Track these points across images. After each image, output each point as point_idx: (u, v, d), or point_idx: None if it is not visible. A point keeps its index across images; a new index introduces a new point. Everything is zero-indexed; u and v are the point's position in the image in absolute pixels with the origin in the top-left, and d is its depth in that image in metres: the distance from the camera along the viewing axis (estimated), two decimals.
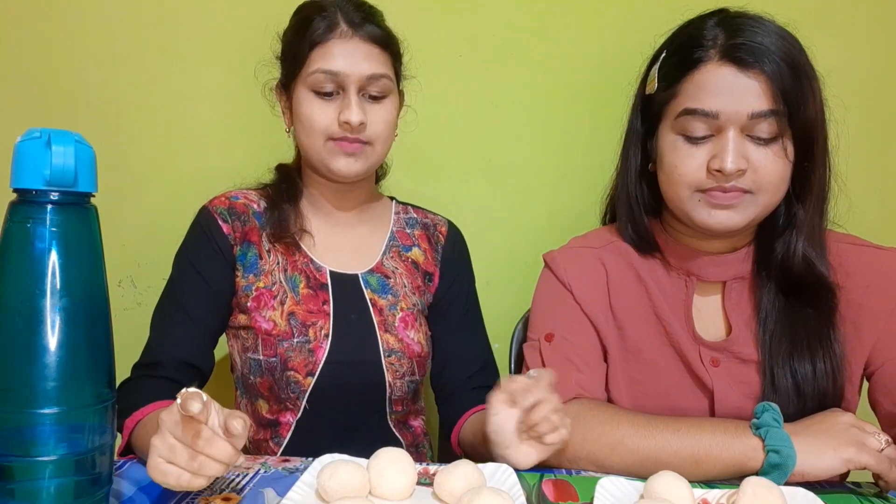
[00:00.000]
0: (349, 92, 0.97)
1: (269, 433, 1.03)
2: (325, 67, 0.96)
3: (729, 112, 0.84)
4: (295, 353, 0.99)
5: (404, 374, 1.04)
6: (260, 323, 1.00)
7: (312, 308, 1.02)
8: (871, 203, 1.39)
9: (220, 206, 1.04)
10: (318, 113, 0.98)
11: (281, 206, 1.05)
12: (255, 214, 1.06)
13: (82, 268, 0.59)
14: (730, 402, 0.92)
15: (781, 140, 0.86)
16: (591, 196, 1.12)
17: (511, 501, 0.64)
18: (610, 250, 1.01)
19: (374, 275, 1.08)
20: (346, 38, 0.97)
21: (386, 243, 1.11)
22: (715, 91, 0.85)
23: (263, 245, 1.04)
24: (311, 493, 0.71)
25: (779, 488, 0.70)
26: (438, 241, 1.15)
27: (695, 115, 0.86)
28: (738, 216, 0.87)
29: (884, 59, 1.40)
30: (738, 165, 0.84)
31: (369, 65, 0.98)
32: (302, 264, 1.04)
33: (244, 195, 1.08)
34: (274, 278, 1.03)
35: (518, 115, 1.42)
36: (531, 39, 1.40)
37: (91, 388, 0.59)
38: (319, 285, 1.04)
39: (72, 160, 0.56)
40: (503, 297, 1.42)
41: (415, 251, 1.13)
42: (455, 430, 1.06)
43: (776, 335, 0.92)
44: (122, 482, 0.75)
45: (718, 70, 0.85)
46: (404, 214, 1.16)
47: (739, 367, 0.93)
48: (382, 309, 1.05)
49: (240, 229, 1.04)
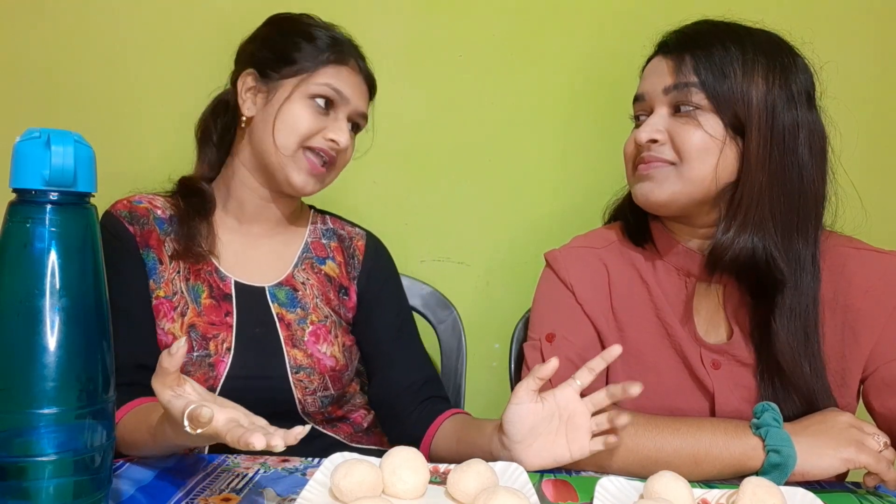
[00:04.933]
0: (341, 116, 1.01)
1: None
2: (337, 86, 1.00)
3: (649, 91, 0.94)
4: (195, 368, 0.96)
5: (315, 391, 1.01)
6: (159, 336, 0.97)
7: (214, 320, 0.99)
8: (871, 203, 1.39)
9: (122, 210, 1.02)
10: (309, 119, 0.98)
11: (191, 223, 1.01)
12: (156, 220, 1.02)
13: (82, 268, 0.59)
14: (730, 404, 0.92)
15: (700, 113, 0.88)
16: (592, 196, 1.12)
17: (526, 501, 0.64)
18: (612, 250, 1.01)
19: (283, 288, 1.05)
20: (355, 72, 1.04)
21: (299, 255, 1.09)
22: (644, 77, 0.97)
23: (165, 250, 1.01)
24: (325, 492, 0.71)
25: (778, 488, 0.70)
26: (354, 254, 1.12)
27: (635, 101, 0.97)
28: (658, 188, 0.91)
29: (884, 60, 1.40)
30: (649, 135, 0.90)
31: (363, 103, 1.05)
32: (206, 273, 1.01)
33: (148, 200, 1.05)
34: (175, 287, 0.99)
35: (518, 115, 1.42)
36: (531, 39, 1.40)
37: (90, 387, 0.59)
38: (223, 296, 1.01)
39: (71, 160, 0.56)
40: (503, 297, 1.42)
41: (329, 264, 1.10)
42: (424, 444, 1.00)
43: (764, 338, 0.91)
44: (121, 482, 0.75)
45: (652, 61, 0.96)
46: (322, 225, 1.14)
47: (740, 370, 0.93)
48: (290, 323, 1.02)
49: (139, 233, 1.01)
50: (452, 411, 1.03)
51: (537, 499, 0.69)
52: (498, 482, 0.73)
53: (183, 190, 1.07)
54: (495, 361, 1.44)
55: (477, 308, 1.41)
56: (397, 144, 1.07)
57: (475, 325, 1.35)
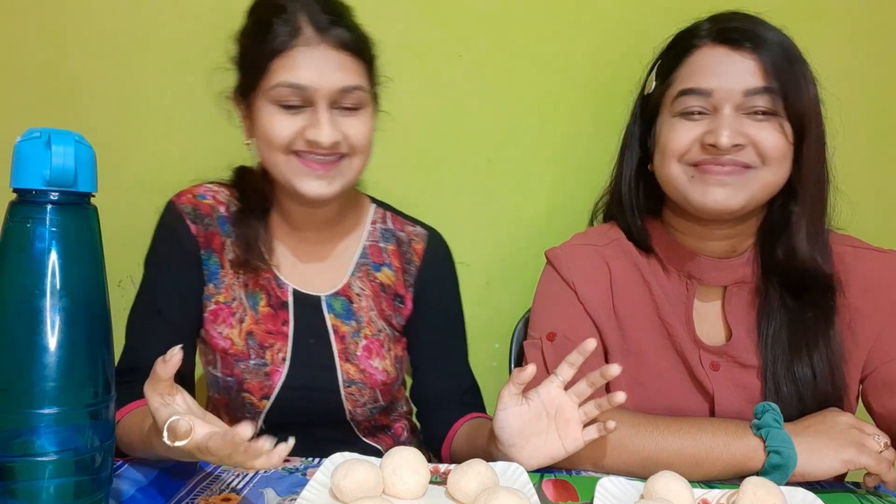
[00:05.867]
0: (318, 107, 0.86)
1: None
2: (290, 80, 0.85)
3: (723, 89, 0.86)
4: (251, 376, 0.95)
5: (365, 403, 1.01)
6: (217, 340, 0.96)
7: (271, 328, 0.97)
8: (871, 204, 1.39)
9: (188, 205, 0.98)
10: (279, 126, 0.87)
11: (248, 223, 0.97)
12: (219, 219, 0.98)
13: (82, 268, 0.59)
14: (730, 406, 0.92)
15: (778, 119, 0.86)
16: (591, 196, 1.12)
17: (527, 501, 0.64)
18: (613, 248, 1.00)
19: (339, 298, 1.01)
20: (312, 45, 0.85)
21: (356, 261, 1.03)
22: (708, 70, 0.88)
23: (226, 254, 0.98)
24: (325, 492, 0.71)
25: (778, 488, 0.70)
26: (412, 260, 1.05)
27: (691, 94, 0.88)
28: (737, 194, 0.86)
29: (884, 60, 1.40)
30: (733, 140, 0.85)
31: (341, 75, 0.86)
32: (264, 280, 0.99)
33: (213, 194, 1.00)
34: (234, 293, 0.98)
35: (518, 115, 1.42)
36: (531, 39, 1.39)
37: (91, 388, 0.59)
38: (280, 304, 0.99)
39: (72, 160, 0.56)
40: (503, 296, 1.42)
41: (385, 271, 1.04)
42: (446, 442, 1.01)
43: (777, 341, 0.91)
44: (121, 482, 0.75)
45: (712, 51, 0.88)
46: (381, 224, 1.06)
47: (739, 372, 0.93)
48: (345, 336, 1.00)
49: (203, 234, 0.97)
50: (472, 415, 1.02)
51: (537, 499, 0.70)
52: (498, 482, 0.73)
53: (242, 181, 1.00)
54: (495, 361, 1.44)
55: (477, 308, 1.40)
56: (397, 144, 1.05)
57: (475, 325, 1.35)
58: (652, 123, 0.96)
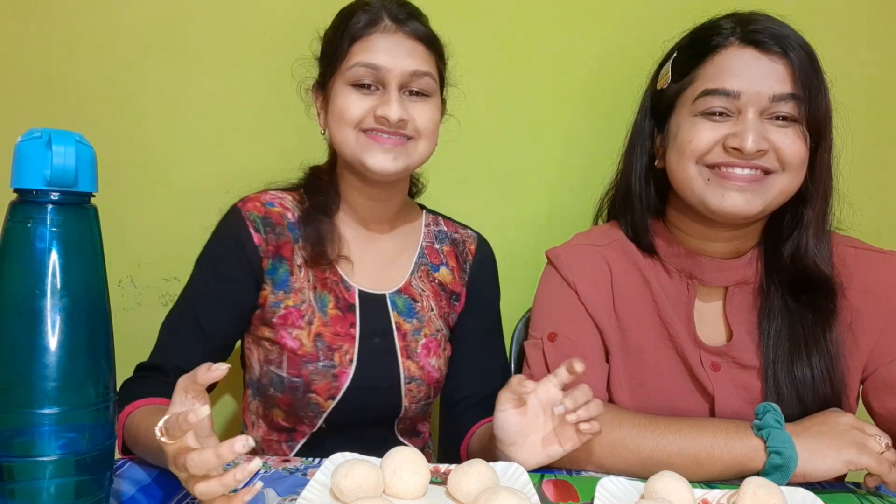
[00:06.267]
0: (390, 87, 0.93)
1: (283, 437, 1.02)
2: (366, 60, 0.92)
3: (751, 92, 0.85)
4: (319, 377, 0.96)
5: (420, 400, 1.03)
6: (286, 340, 0.97)
7: (339, 331, 0.99)
8: (871, 204, 1.39)
9: (255, 213, 0.99)
10: (353, 104, 0.93)
11: (317, 225, 0.99)
12: (289, 226, 1.01)
13: (82, 268, 0.59)
14: (730, 406, 0.92)
15: (799, 125, 0.86)
16: (592, 196, 1.12)
17: (527, 501, 0.65)
18: (614, 248, 1.00)
19: (402, 296, 1.05)
20: (389, 32, 0.94)
21: (415, 261, 1.08)
22: (736, 72, 0.86)
23: (295, 260, 1.00)
24: (326, 492, 0.71)
25: (779, 488, 0.70)
26: (466, 259, 1.12)
27: (715, 94, 0.86)
28: (756, 200, 0.86)
29: (884, 61, 1.40)
30: (758, 146, 0.84)
31: (412, 61, 0.94)
32: (332, 283, 1.01)
33: (279, 201, 1.02)
34: (303, 296, 0.99)
35: (518, 115, 1.42)
36: (531, 39, 1.39)
37: (91, 388, 0.59)
38: (348, 306, 1.00)
39: (72, 160, 0.56)
40: (503, 296, 1.41)
41: (442, 271, 1.09)
42: (465, 441, 1.04)
43: (778, 342, 0.91)
44: (122, 482, 0.75)
45: (740, 52, 0.87)
46: (434, 227, 1.12)
47: (739, 373, 0.93)
48: (406, 333, 1.03)
49: (273, 242, 0.99)
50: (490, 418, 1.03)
51: (538, 499, 0.70)
52: (499, 482, 0.73)
53: (311, 182, 1.04)
54: None
55: None
56: None
57: None
58: (664, 119, 0.95)
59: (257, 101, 1.10)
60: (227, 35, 1.36)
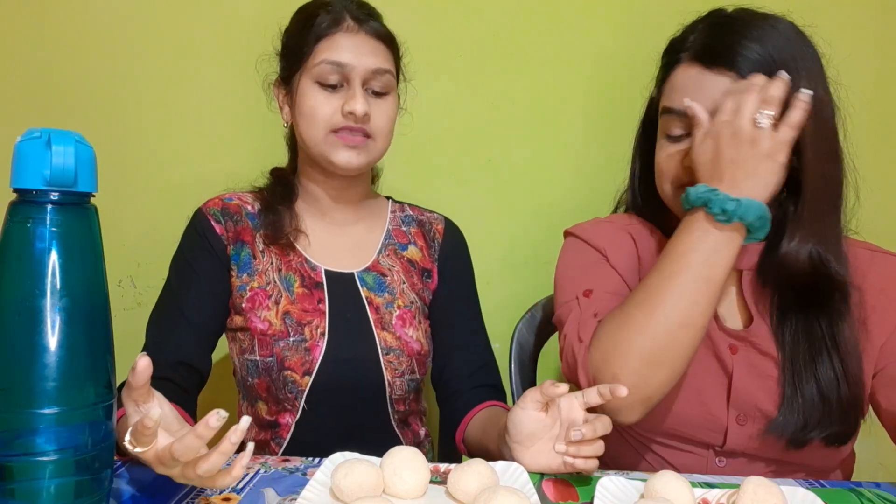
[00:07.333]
0: (354, 84, 0.98)
1: (269, 434, 1.03)
2: (332, 58, 0.97)
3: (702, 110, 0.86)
4: (291, 353, 0.98)
5: (403, 373, 1.04)
6: (255, 323, 1.00)
7: (308, 307, 1.02)
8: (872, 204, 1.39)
9: (214, 208, 1.05)
10: (322, 104, 0.98)
11: (276, 209, 1.04)
12: (248, 215, 1.06)
13: (82, 268, 0.59)
14: (747, 389, 0.91)
15: None
16: (592, 196, 1.12)
17: (527, 501, 0.65)
18: (636, 227, 1.02)
19: (371, 273, 1.08)
20: (352, 31, 0.99)
21: (382, 241, 1.11)
22: (682, 90, 0.88)
23: (257, 245, 1.04)
24: (325, 491, 0.71)
25: (779, 488, 0.70)
26: (435, 237, 1.15)
27: (670, 114, 0.89)
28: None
29: (884, 61, 1.40)
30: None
31: (374, 59, 0.99)
32: (297, 264, 1.04)
33: (238, 197, 1.08)
34: (268, 278, 1.03)
35: (518, 115, 1.42)
36: (531, 39, 1.40)
37: (91, 388, 0.59)
38: (314, 284, 1.04)
39: (72, 160, 0.56)
40: (503, 296, 1.42)
41: (411, 249, 1.12)
42: (460, 429, 1.05)
43: (795, 339, 0.90)
44: (122, 482, 0.75)
45: (688, 70, 0.89)
46: (400, 213, 1.16)
47: (758, 359, 0.92)
48: (379, 307, 1.05)
49: (232, 229, 1.04)
50: (490, 403, 1.05)
51: (538, 498, 0.70)
52: (498, 482, 0.73)
53: (272, 179, 1.09)
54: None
55: None
56: (397, 144, 1.06)
57: None
58: (654, 128, 0.96)
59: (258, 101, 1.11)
60: (229, 34, 1.36)
